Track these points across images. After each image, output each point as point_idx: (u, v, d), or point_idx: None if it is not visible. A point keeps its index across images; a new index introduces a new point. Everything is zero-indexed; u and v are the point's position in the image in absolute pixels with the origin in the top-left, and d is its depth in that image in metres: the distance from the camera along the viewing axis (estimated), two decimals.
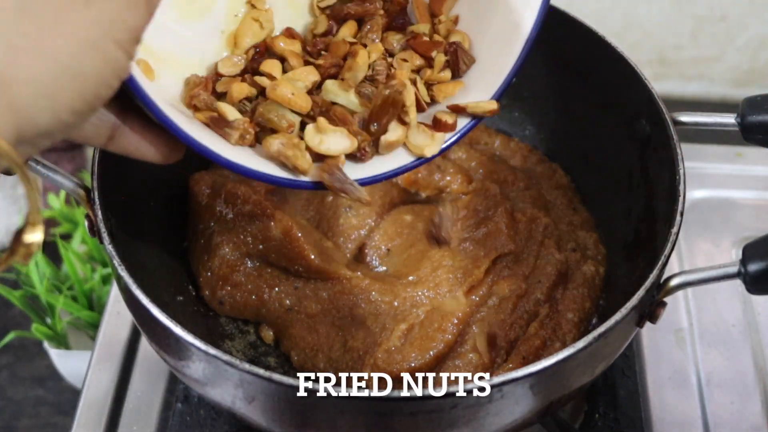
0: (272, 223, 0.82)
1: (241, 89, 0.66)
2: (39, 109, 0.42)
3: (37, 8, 0.41)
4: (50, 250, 1.16)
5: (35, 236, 0.43)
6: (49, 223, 1.23)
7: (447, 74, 0.70)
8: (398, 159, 0.67)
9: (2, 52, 0.40)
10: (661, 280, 0.70)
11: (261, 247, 0.83)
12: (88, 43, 0.42)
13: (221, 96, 0.67)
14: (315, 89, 0.68)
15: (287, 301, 0.82)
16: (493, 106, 0.67)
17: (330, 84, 0.67)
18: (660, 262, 0.68)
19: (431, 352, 0.76)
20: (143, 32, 0.46)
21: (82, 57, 0.42)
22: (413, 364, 0.75)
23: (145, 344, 0.94)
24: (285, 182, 0.63)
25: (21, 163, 0.41)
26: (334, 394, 0.60)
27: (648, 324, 0.72)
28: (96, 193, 0.71)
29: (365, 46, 0.70)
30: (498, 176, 0.91)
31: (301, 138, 0.65)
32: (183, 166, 0.90)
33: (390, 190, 0.89)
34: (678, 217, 0.71)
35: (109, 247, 0.68)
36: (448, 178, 0.91)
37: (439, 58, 0.70)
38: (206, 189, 0.86)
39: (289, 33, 0.71)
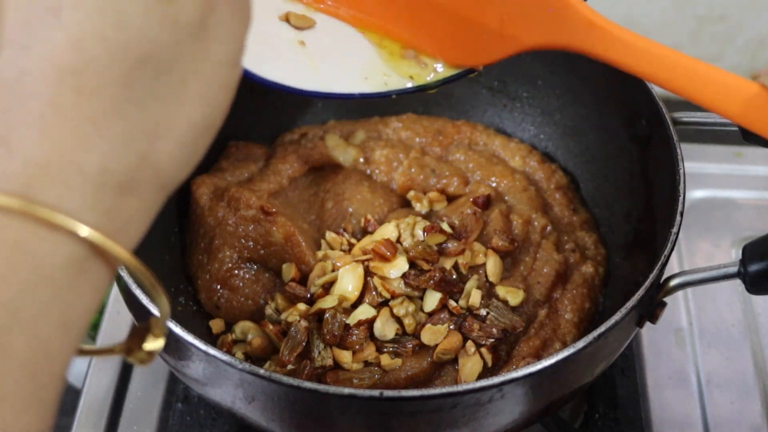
0: (274, 228, 0.82)
1: None
2: (181, 171, 0.41)
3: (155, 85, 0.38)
4: None
5: (157, 345, 0.43)
6: None
7: None
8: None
9: (140, 140, 0.38)
10: (661, 280, 0.70)
11: (262, 251, 0.83)
12: (215, 88, 0.41)
13: None
14: None
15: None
16: None
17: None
18: (660, 262, 0.68)
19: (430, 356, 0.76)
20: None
21: (213, 102, 0.41)
22: (414, 368, 0.75)
23: None
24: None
25: (153, 280, 0.41)
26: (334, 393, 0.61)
27: (648, 324, 0.72)
28: None
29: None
30: (495, 177, 0.91)
31: None
32: None
33: (390, 197, 0.89)
34: (678, 217, 0.71)
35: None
36: (445, 180, 0.91)
37: None
38: (208, 192, 0.86)
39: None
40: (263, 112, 0.98)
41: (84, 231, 0.36)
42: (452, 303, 0.77)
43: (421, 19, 0.62)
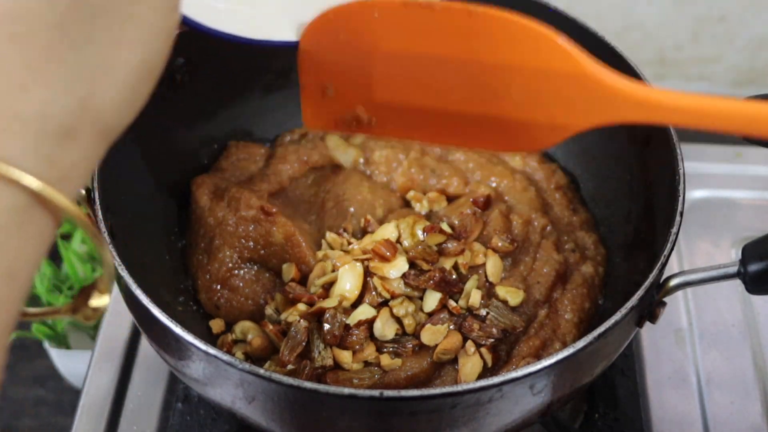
0: (274, 228, 0.82)
1: None
2: (122, 118, 0.41)
3: (90, 28, 0.38)
4: (50, 249, 1.16)
5: (102, 301, 0.43)
6: None
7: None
8: None
9: (79, 85, 0.38)
10: (661, 280, 0.70)
11: (262, 251, 0.83)
12: (152, 32, 0.41)
13: None
14: None
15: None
16: None
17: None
18: (660, 262, 0.68)
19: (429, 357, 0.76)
20: None
21: (151, 47, 0.41)
22: (414, 368, 0.75)
23: (145, 344, 0.94)
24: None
25: (95, 230, 0.40)
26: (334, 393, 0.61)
27: (648, 324, 0.72)
28: (96, 193, 0.71)
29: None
30: (495, 177, 0.91)
31: None
32: (184, 168, 0.90)
33: (390, 198, 0.89)
34: (678, 217, 0.71)
35: (110, 247, 0.68)
36: (444, 181, 0.91)
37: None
38: (208, 193, 0.86)
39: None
40: (263, 112, 0.98)
41: (25, 179, 0.35)
42: (452, 303, 0.77)
43: (469, 128, 0.61)
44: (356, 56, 0.61)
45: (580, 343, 0.63)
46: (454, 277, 0.78)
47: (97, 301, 0.43)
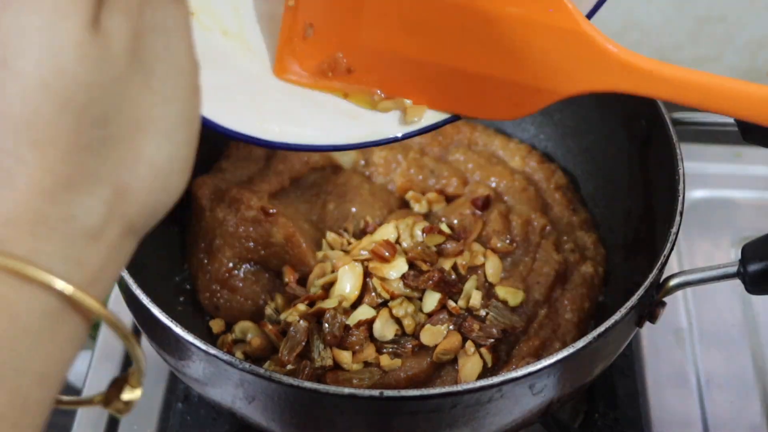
0: (274, 229, 0.82)
1: None
2: (152, 215, 0.41)
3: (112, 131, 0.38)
4: None
5: (134, 395, 0.43)
6: None
7: None
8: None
9: (102, 186, 0.37)
10: (661, 280, 0.70)
11: (262, 252, 0.83)
12: (173, 125, 0.40)
13: None
14: None
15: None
16: None
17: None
18: (659, 262, 0.68)
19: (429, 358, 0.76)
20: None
21: (176, 140, 0.41)
22: (414, 369, 0.75)
23: (145, 344, 0.94)
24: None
25: (127, 332, 0.40)
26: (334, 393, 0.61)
27: (647, 324, 0.72)
28: None
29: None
30: (495, 178, 0.91)
31: None
32: None
33: (390, 199, 0.90)
34: (677, 217, 0.71)
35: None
36: (444, 181, 0.91)
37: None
38: (208, 193, 0.86)
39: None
40: None
41: (57, 284, 0.36)
42: (451, 303, 0.77)
43: (450, 86, 0.60)
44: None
45: (580, 343, 0.63)
46: (453, 277, 0.78)
47: (129, 395, 0.43)
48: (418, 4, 0.57)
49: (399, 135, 0.63)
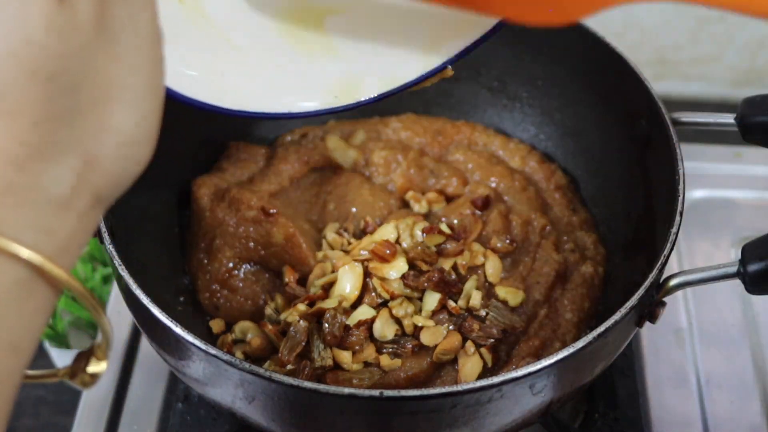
0: (274, 229, 0.82)
1: None
2: (119, 184, 0.41)
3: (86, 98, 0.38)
4: None
5: (99, 368, 0.43)
6: None
7: None
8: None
9: (71, 154, 0.38)
10: (661, 280, 0.70)
11: (262, 252, 0.83)
12: (139, 94, 0.40)
13: None
14: None
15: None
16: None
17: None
18: (659, 262, 0.68)
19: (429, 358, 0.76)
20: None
21: (142, 109, 0.41)
22: (414, 369, 0.75)
23: (145, 344, 0.94)
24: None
25: (94, 302, 0.40)
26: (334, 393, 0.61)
27: (647, 324, 0.72)
28: None
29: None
30: (495, 178, 0.91)
31: None
32: (185, 168, 0.90)
33: (390, 199, 0.90)
34: (677, 217, 0.71)
35: (110, 247, 0.68)
36: (443, 181, 0.91)
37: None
38: (208, 193, 0.86)
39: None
40: None
41: (25, 253, 0.36)
42: (451, 303, 0.77)
43: None
44: None
45: (580, 343, 0.63)
46: (453, 277, 0.78)
47: (94, 367, 0.43)
48: None
49: (364, 98, 0.64)
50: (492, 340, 0.76)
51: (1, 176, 0.36)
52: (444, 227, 0.83)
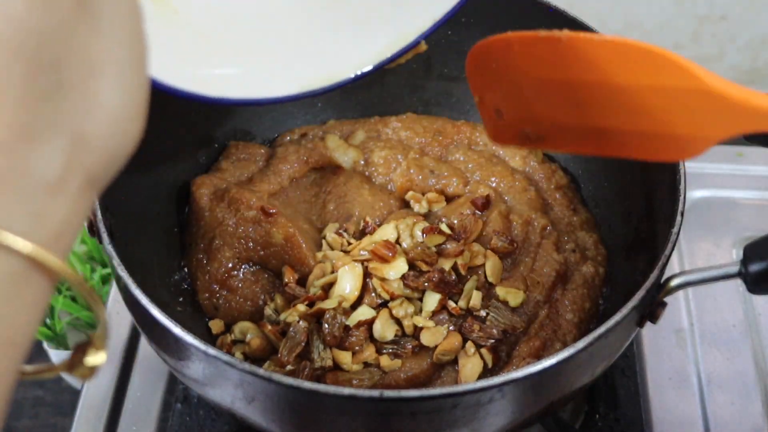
0: (274, 229, 0.82)
1: None
2: (111, 164, 0.39)
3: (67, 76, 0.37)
4: None
5: (98, 359, 0.41)
6: None
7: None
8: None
9: (59, 135, 0.36)
10: (662, 280, 0.70)
11: (262, 252, 0.83)
12: (126, 69, 0.39)
13: None
14: None
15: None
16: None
17: None
18: (660, 262, 0.68)
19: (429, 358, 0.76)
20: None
21: (129, 84, 0.39)
22: (414, 369, 0.75)
23: (145, 344, 0.94)
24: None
25: (90, 290, 0.39)
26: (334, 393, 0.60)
27: (648, 324, 0.72)
28: None
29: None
30: (495, 178, 0.91)
31: None
32: (184, 168, 0.90)
33: (389, 200, 0.89)
34: (678, 217, 0.71)
35: (109, 247, 0.68)
36: (444, 181, 0.90)
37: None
38: (208, 193, 0.86)
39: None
40: (263, 112, 0.98)
41: (18, 243, 0.34)
42: (451, 304, 0.77)
43: (623, 141, 0.65)
44: (510, 83, 0.65)
45: (581, 344, 0.63)
46: (453, 277, 0.78)
47: (93, 358, 0.41)
48: (566, 86, 0.63)
49: (352, 75, 0.65)
50: (492, 341, 0.76)
51: None
52: (444, 227, 0.83)
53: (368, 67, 0.66)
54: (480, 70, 0.67)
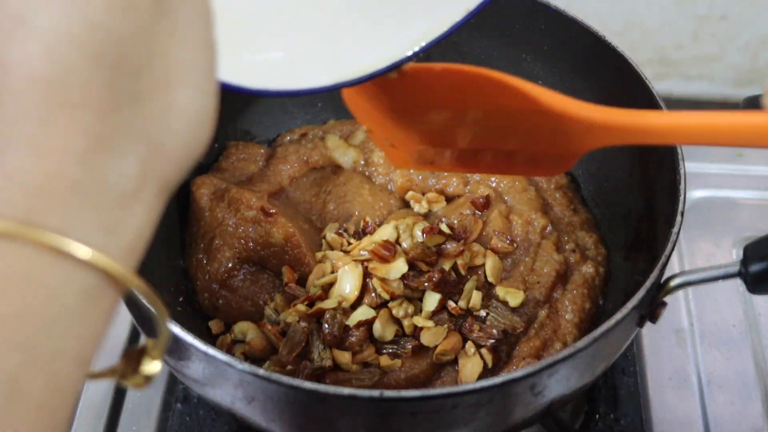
0: (274, 229, 0.82)
1: None
2: (182, 169, 0.39)
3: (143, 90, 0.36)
4: None
5: (154, 368, 0.40)
6: None
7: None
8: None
9: (138, 143, 0.35)
10: (662, 280, 0.70)
11: (262, 252, 0.83)
12: (200, 73, 0.38)
13: None
14: None
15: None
16: None
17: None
18: (660, 262, 0.68)
19: (429, 358, 0.76)
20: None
21: (203, 89, 0.38)
22: (414, 369, 0.75)
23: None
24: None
25: (160, 303, 0.38)
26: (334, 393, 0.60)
27: (648, 324, 0.72)
28: None
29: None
30: (495, 178, 0.91)
31: None
32: None
33: (389, 200, 0.89)
34: (678, 217, 0.71)
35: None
36: (444, 181, 0.90)
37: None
38: (208, 193, 0.86)
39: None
40: (263, 112, 0.98)
41: (94, 256, 0.33)
42: (451, 304, 0.77)
43: (504, 161, 0.67)
44: (382, 116, 0.67)
45: (581, 344, 0.63)
46: (453, 277, 0.78)
47: (149, 368, 0.40)
48: (447, 114, 0.65)
49: (388, 64, 0.63)
50: (492, 341, 0.76)
51: (66, 174, 0.33)
52: (444, 227, 0.83)
53: (408, 53, 0.64)
54: (357, 107, 0.68)
